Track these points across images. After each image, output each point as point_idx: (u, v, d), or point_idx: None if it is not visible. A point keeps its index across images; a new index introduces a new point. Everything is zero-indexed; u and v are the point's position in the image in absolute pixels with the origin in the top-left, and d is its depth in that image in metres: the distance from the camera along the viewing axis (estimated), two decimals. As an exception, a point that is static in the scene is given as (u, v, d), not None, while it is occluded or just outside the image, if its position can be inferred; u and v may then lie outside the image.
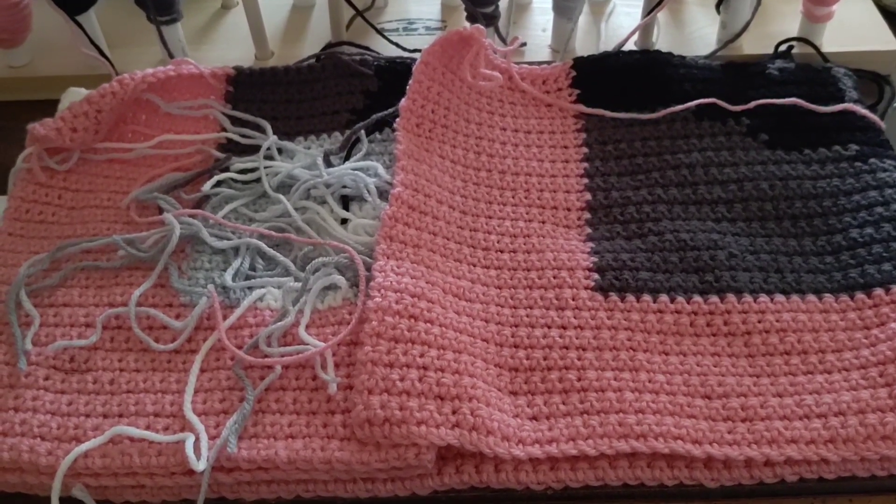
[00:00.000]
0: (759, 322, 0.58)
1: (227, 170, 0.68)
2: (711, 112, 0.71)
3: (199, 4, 0.87)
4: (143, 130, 0.72)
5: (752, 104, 0.70)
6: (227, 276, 0.61)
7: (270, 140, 0.70)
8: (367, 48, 0.80)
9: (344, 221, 0.65)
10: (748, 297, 0.60)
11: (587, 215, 0.66)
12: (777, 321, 0.58)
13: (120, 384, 0.56)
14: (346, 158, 0.69)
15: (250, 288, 0.61)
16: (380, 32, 0.82)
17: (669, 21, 0.83)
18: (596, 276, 0.61)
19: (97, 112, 0.68)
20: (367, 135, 0.70)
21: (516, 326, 0.59)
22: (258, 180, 0.68)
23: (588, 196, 0.67)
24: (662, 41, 0.81)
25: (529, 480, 0.52)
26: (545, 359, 0.57)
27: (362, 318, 0.56)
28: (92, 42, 0.78)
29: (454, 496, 0.53)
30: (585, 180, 0.68)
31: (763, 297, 0.60)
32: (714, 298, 0.60)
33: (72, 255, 0.63)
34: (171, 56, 0.79)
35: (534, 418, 0.54)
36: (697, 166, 0.68)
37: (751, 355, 0.57)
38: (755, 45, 0.79)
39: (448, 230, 0.63)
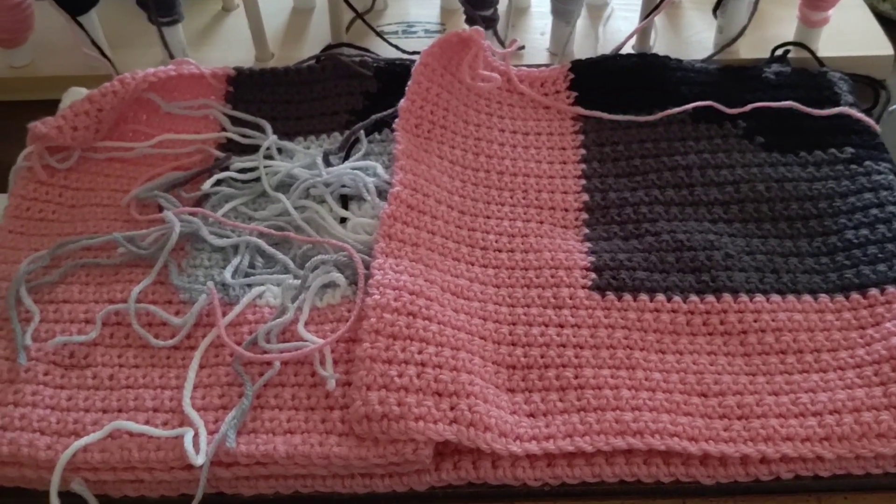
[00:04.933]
0: (755, 321, 0.59)
1: (226, 169, 0.69)
2: (708, 115, 0.71)
3: (201, 6, 0.88)
4: (143, 129, 0.72)
5: (749, 107, 0.71)
6: (227, 274, 0.61)
7: (270, 140, 0.70)
8: (366, 50, 0.81)
9: (343, 220, 0.65)
10: (744, 297, 0.60)
11: (585, 216, 0.66)
12: (773, 321, 0.58)
13: (119, 380, 0.57)
14: (346, 158, 0.69)
15: (249, 285, 0.61)
16: (379, 35, 0.82)
17: (667, 25, 0.84)
18: (593, 275, 0.61)
19: (98, 111, 0.69)
20: (367, 135, 0.70)
21: (514, 324, 0.59)
22: (258, 179, 0.68)
23: (586, 197, 0.67)
24: (660, 45, 0.81)
25: (526, 477, 0.53)
26: (542, 356, 0.57)
27: (361, 315, 0.57)
28: (93, 42, 0.78)
29: (451, 492, 0.53)
30: (583, 181, 0.68)
31: (759, 297, 0.60)
32: (710, 298, 0.60)
33: (72, 253, 0.64)
34: (171, 57, 0.79)
35: (531, 415, 0.54)
36: (694, 168, 0.68)
37: (747, 354, 0.57)
38: (752, 49, 0.80)
39: (446, 229, 0.64)
